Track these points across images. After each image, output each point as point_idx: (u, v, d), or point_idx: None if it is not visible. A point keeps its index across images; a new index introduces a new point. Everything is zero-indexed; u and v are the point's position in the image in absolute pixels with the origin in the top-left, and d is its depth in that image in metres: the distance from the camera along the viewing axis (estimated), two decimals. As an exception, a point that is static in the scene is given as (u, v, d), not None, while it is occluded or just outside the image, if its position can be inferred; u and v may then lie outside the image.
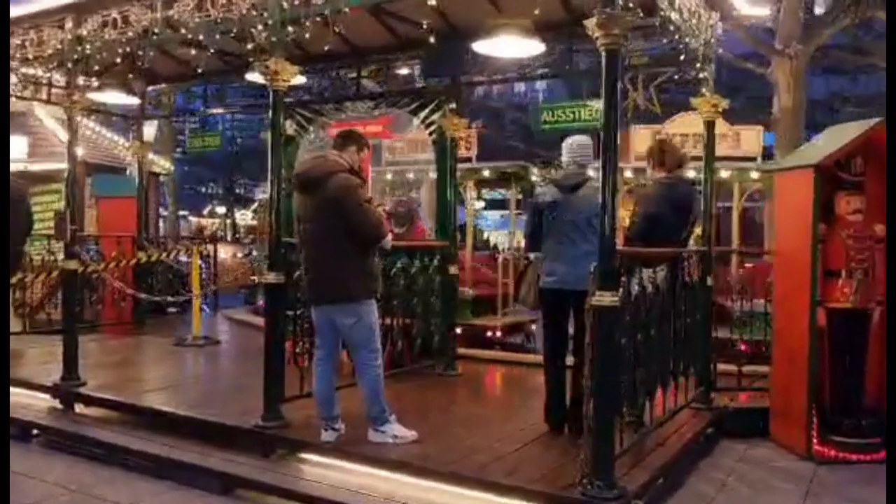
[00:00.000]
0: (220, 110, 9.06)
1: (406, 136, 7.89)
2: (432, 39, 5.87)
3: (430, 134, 6.90)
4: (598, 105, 6.01)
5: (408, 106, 7.02)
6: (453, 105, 6.59)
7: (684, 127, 9.13)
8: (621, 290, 3.61)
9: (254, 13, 4.85)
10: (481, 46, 5.22)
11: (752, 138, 9.42)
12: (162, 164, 13.10)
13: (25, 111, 12.50)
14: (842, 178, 5.14)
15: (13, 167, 10.46)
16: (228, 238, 35.90)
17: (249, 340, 9.04)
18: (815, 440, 4.97)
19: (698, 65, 5.01)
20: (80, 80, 6.29)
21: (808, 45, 9.44)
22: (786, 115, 9.58)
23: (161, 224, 15.42)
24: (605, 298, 3.52)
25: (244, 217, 39.75)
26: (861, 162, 5.09)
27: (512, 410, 5.48)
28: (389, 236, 4.50)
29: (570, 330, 4.68)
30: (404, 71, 7.60)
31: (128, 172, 10.89)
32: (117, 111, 8.91)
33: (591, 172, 4.61)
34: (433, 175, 6.80)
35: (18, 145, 11.56)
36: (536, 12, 4.96)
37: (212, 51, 7.33)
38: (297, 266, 4.67)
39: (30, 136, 11.88)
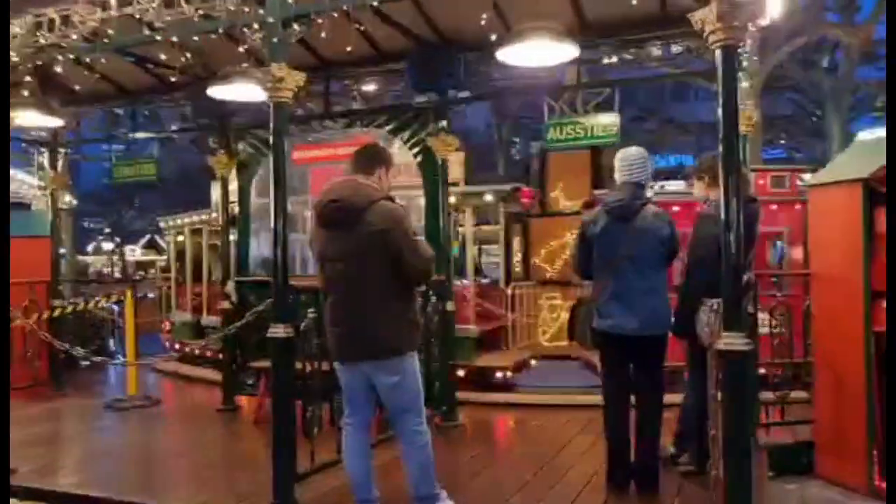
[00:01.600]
0: (148, 134, 7.82)
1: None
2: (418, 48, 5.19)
3: (416, 156, 6.19)
4: (609, 119, 5.50)
5: (387, 125, 6.28)
6: (443, 123, 5.91)
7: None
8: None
9: (245, 9, 4.01)
10: (505, 54, 4.57)
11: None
12: (65, 199, 11.64)
13: None
14: (881, 192, 4.85)
15: None
16: (118, 276, 33.38)
17: (194, 397, 7.92)
18: (877, 477, 4.59)
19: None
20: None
21: (767, 63, 9.51)
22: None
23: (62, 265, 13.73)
24: (735, 342, 2.95)
25: (133, 253, 37.19)
26: (900, 176, 4.82)
27: (549, 467, 4.79)
28: None
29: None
30: (371, 87, 6.86)
31: (32, 208, 9.47)
32: (25, 136, 7.60)
33: (648, 192, 4.07)
34: (421, 201, 6.05)
35: None
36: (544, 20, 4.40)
37: (150, 65, 6.39)
38: (317, 315, 3.84)
39: None
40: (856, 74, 13.91)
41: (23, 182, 11.28)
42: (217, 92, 5.42)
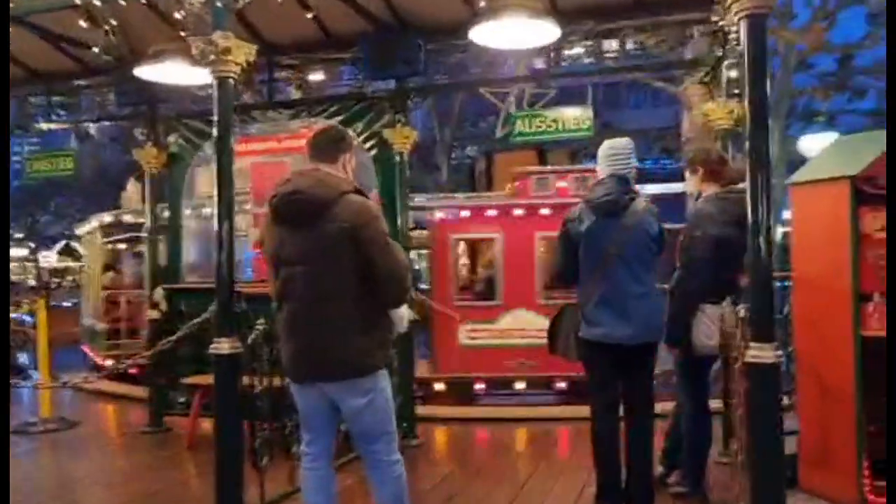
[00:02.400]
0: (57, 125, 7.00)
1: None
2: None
3: (370, 150, 5.67)
4: (581, 112, 5.13)
5: (338, 116, 5.73)
6: (401, 114, 5.42)
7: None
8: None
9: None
10: (479, 34, 4.10)
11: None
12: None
13: None
14: (865, 191, 4.64)
15: None
16: (33, 284, 31.30)
17: (116, 417, 7.14)
18: (867, 489, 4.34)
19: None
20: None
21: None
22: (700, 135, 9.46)
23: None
24: (765, 353, 2.57)
25: (48, 259, 35.05)
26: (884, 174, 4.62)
27: (529, 488, 4.36)
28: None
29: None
30: (318, 76, 6.29)
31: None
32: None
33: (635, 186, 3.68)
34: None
35: None
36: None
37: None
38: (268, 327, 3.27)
39: None
40: (793, 81, 14.15)
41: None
42: (146, 73, 4.76)
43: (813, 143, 12.32)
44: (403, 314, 2.99)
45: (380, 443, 2.98)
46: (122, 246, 10.19)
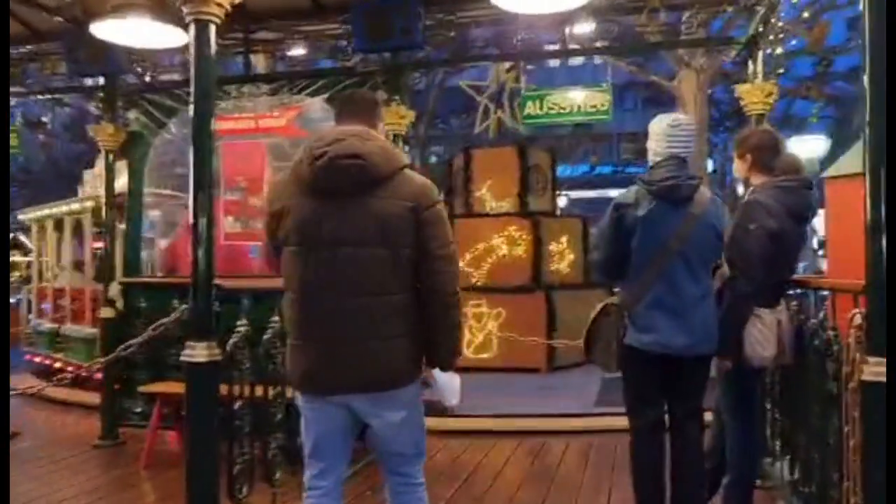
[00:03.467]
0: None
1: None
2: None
3: (359, 130, 5.07)
4: (598, 93, 4.60)
5: (323, 92, 5.12)
6: (396, 92, 4.84)
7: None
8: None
9: None
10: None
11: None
12: None
13: None
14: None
15: None
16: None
17: (64, 427, 6.38)
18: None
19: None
20: None
21: (714, 59, 9.06)
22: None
23: None
24: (882, 370, 2.07)
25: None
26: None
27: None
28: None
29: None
30: (299, 51, 5.66)
31: None
32: None
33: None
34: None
35: None
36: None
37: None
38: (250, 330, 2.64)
39: None
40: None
41: None
42: (104, 31, 4.07)
43: (801, 147, 12.10)
44: (456, 385, 2.44)
45: (414, 464, 2.45)
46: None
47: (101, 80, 5.56)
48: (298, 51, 5.73)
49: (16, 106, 6.53)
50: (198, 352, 2.69)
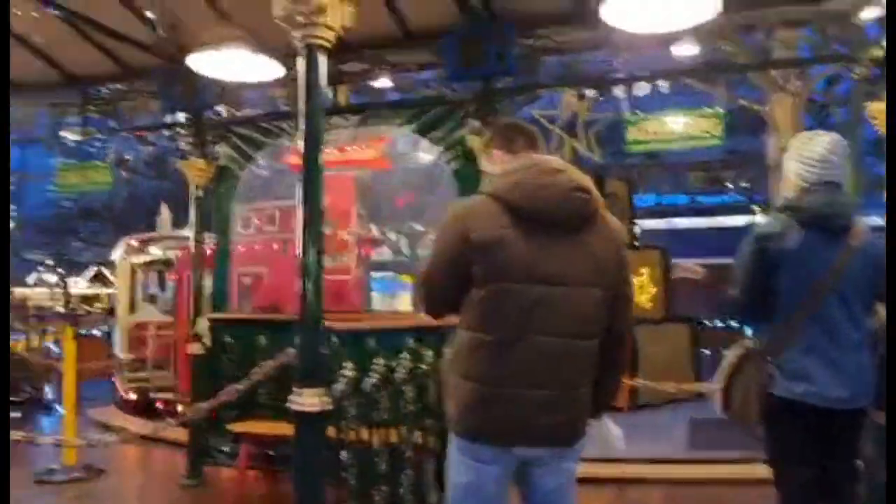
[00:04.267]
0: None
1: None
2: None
3: (449, 162, 4.89)
4: (709, 116, 4.28)
5: (412, 122, 4.97)
6: (489, 120, 4.64)
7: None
8: None
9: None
10: (612, 12, 3.28)
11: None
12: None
13: None
14: None
15: None
16: (61, 310, 30.94)
17: (149, 464, 6.33)
18: None
19: None
20: None
21: (809, 83, 8.58)
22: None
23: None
24: None
25: (77, 286, 34.83)
26: None
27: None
28: None
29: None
30: (383, 83, 5.55)
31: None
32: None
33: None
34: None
35: None
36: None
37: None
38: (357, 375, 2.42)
39: None
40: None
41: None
42: (199, 64, 4.02)
43: None
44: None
45: None
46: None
47: (180, 116, 5.60)
48: (384, 82, 5.64)
49: (107, 142, 6.64)
50: (307, 399, 2.49)
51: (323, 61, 2.66)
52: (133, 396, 9.44)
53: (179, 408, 7.13)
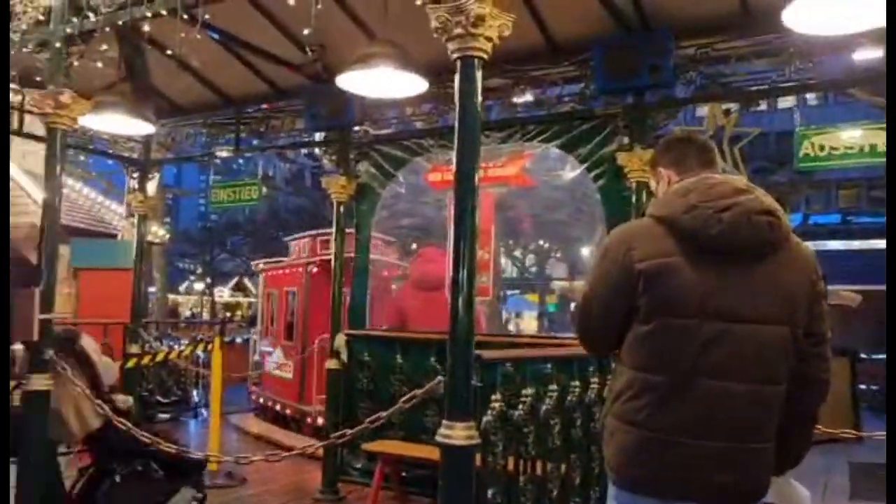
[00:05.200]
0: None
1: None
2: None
3: (596, 179, 4.65)
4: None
5: (557, 138, 4.78)
6: (639, 137, 4.37)
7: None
8: None
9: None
10: (796, 14, 2.93)
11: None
12: (154, 230, 10.71)
13: (-11, 162, 10.15)
14: None
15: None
16: (206, 316, 33.04)
17: (286, 475, 6.45)
18: None
19: None
20: (66, 94, 3.82)
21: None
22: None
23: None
24: None
25: (221, 295, 37.15)
26: None
27: None
28: None
29: None
30: (525, 98, 5.39)
31: (119, 238, 8.47)
32: (108, 151, 6.51)
33: None
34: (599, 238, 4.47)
35: (-25, 202, 9.15)
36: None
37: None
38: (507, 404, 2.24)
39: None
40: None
41: (111, 211, 10.46)
42: (348, 82, 4.04)
43: None
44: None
45: None
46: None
47: (316, 135, 5.71)
48: (525, 97, 5.46)
49: (252, 160, 6.89)
50: (456, 433, 2.34)
51: (478, 74, 2.53)
52: (269, 405, 9.79)
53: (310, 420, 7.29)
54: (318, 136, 5.98)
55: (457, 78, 2.53)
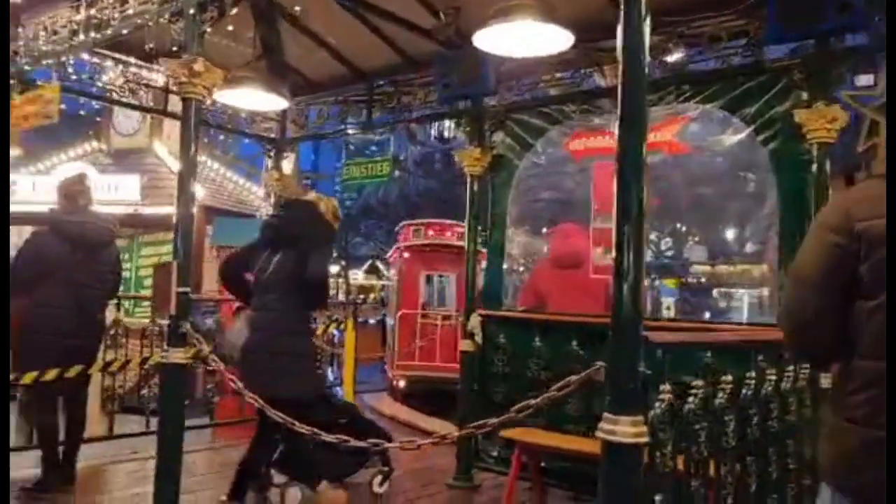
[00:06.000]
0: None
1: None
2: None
3: (766, 142, 4.06)
4: None
5: (717, 98, 4.23)
6: (821, 92, 3.74)
7: None
8: None
9: None
10: None
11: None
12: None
13: (145, 148, 10.81)
14: None
15: (122, 210, 8.49)
16: (341, 298, 34.23)
17: (419, 458, 6.31)
18: None
19: None
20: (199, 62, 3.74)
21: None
22: None
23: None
24: None
25: (356, 277, 38.33)
26: None
27: None
28: None
29: None
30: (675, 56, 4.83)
31: (258, 217, 8.70)
32: (251, 131, 6.60)
33: None
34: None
35: (131, 185, 9.76)
36: None
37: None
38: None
39: (145, 176, 10.06)
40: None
41: (252, 193, 10.84)
42: (486, 41, 3.71)
43: None
44: None
45: None
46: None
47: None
48: (677, 55, 4.91)
49: (384, 135, 6.75)
50: (621, 428, 1.97)
51: (646, 24, 2.12)
52: (402, 385, 9.79)
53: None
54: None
55: (620, 30, 2.13)
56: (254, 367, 3.87)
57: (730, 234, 6.55)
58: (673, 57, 4.90)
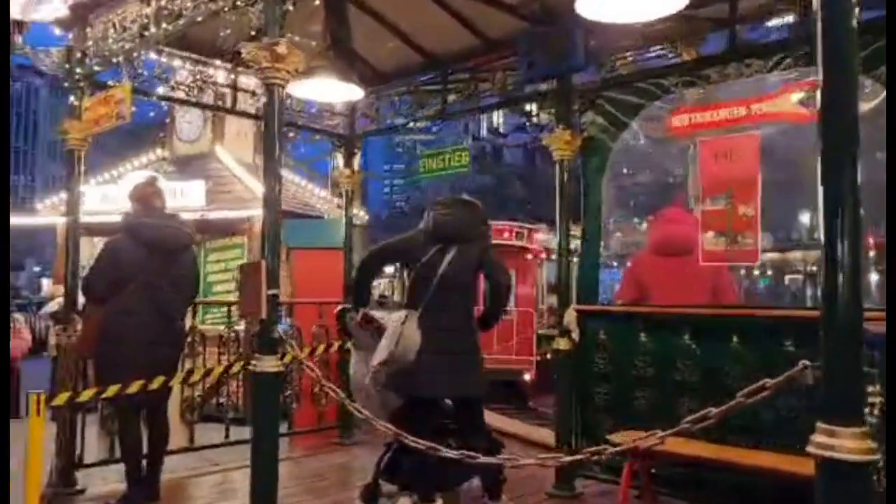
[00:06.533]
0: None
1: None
2: None
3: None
4: None
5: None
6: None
7: None
8: None
9: None
10: None
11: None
12: (355, 211, 10.76)
13: (207, 153, 10.77)
14: None
15: (189, 216, 8.37)
16: (396, 298, 34.05)
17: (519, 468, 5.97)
18: None
19: None
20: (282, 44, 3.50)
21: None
22: None
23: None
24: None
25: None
26: None
27: None
28: None
29: None
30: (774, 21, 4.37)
31: (325, 218, 8.52)
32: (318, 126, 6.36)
33: None
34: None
35: (197, 190, 9.69)
36: None
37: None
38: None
39: (209, 181, 9.99)
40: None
41: (315, 195, 10.71)
42: (589, 5, 3.34)
43: None
44: None
45: None
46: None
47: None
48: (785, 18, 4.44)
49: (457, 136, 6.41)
50: (841, 442, 1.58)
51: None
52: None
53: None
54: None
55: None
56: (443, 367, 3.89)
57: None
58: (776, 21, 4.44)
